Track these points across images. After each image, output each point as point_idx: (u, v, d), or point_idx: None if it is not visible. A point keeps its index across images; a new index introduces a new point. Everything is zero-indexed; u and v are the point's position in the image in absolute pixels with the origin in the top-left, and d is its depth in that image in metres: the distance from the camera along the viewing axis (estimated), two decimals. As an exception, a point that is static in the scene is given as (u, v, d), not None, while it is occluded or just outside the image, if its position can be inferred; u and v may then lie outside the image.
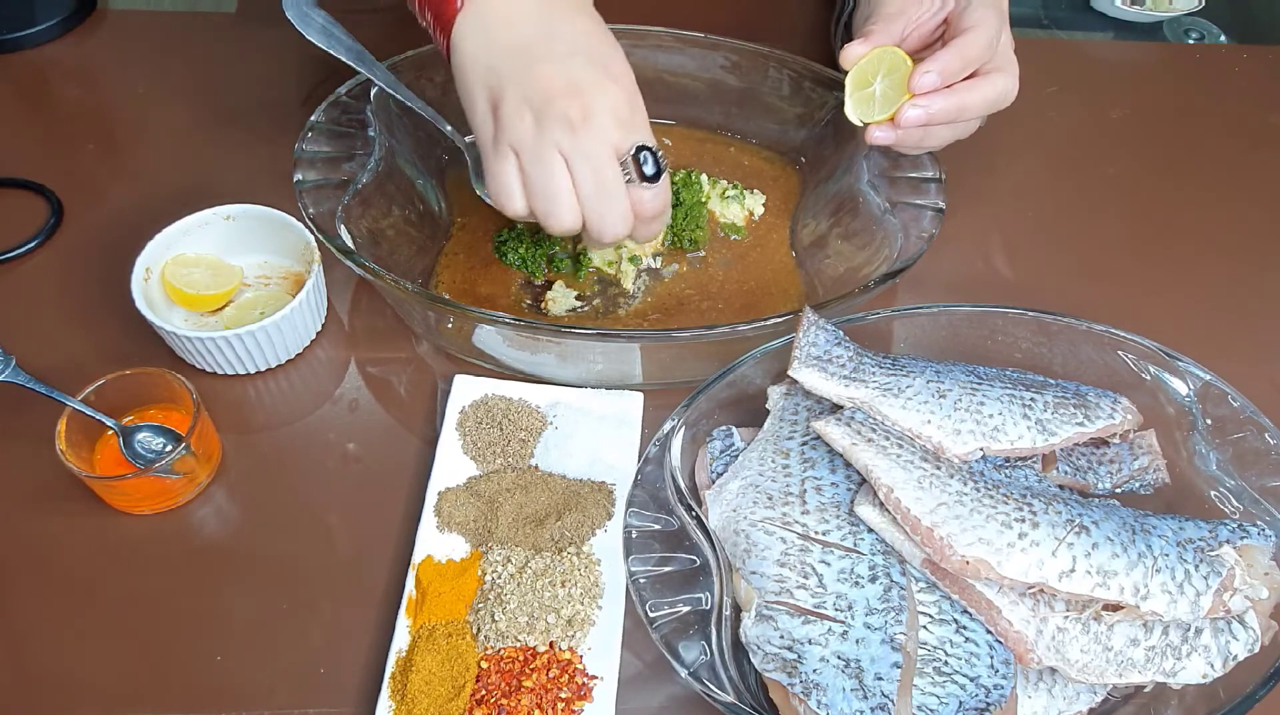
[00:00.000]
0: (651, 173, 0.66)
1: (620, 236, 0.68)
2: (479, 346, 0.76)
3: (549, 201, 0.66)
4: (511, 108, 0.65)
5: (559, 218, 0.66)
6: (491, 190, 0.68)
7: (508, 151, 0.66)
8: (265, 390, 0.77)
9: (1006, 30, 0.76)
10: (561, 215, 0.66)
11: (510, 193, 0.67)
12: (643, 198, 0.67)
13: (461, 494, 0.70)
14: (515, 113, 0.65)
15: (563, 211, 0.66)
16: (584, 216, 0.67)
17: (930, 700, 0.56)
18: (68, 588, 0.67)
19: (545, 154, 0.65)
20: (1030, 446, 0.64)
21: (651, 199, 0.68)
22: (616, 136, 0.65)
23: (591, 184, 0.66)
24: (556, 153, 0.65)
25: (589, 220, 0.67)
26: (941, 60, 0.72)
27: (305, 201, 0.74)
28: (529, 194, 0.67)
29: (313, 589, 0.67)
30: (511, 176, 0.67)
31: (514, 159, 0.66)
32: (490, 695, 0.62)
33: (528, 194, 0.67)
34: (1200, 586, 0.57)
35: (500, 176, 0.67)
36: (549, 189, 0.66)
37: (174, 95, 0.97)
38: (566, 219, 0.66)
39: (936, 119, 0.73)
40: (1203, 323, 0.84)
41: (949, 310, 0.72)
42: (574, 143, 0.65)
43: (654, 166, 0.66)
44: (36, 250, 0.85)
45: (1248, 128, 1.00)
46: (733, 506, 0.64)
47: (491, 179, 0.68)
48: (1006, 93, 0.75)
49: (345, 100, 0.81)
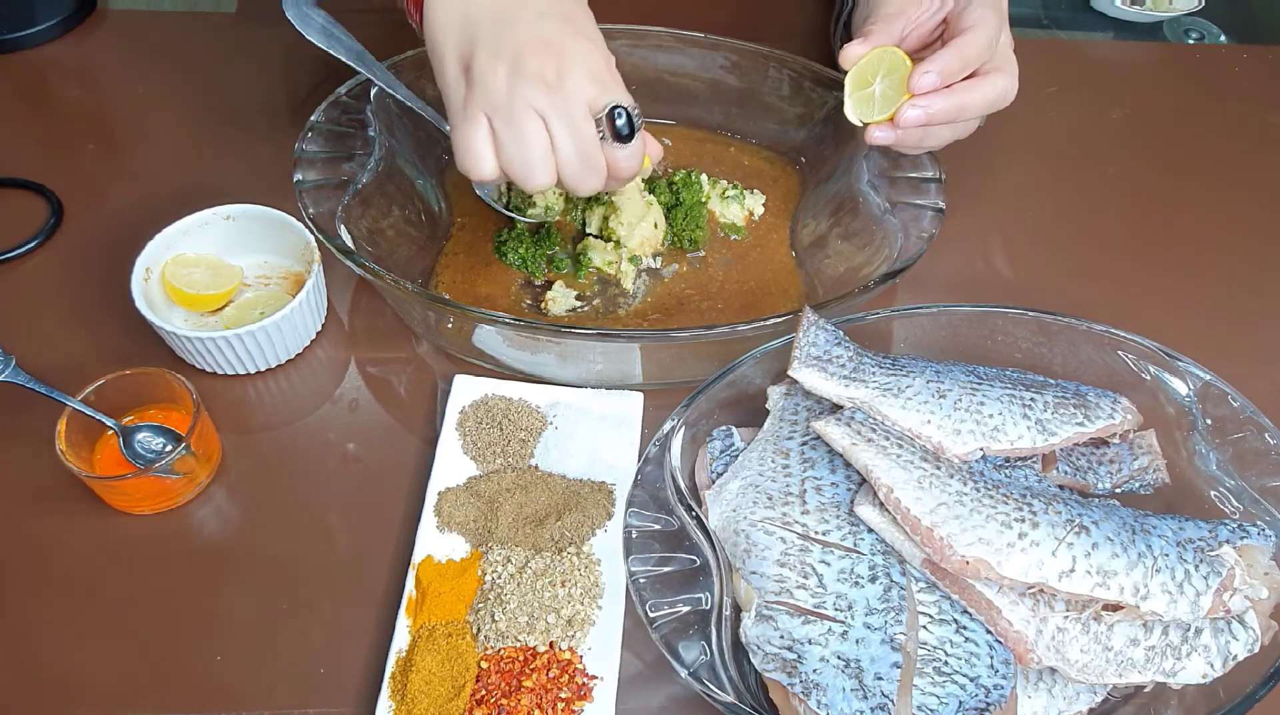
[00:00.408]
0: (625, 132, 0.66)
1: (594, 191, 0.68)
2: (479, 346, 0.76)
3: (525, 161, 0.65)
4: (484, 68, 0.64)
5: (535, 177, 0.66)
6: (460, 155, 0.67)
7: (478, 114, 0.65)
8: (265, 390, 0.77)
9: (1006, 30, 0.76)
10: (537, 175, 0.66)
11: (480, 156, 0.66)
12: (616, 157, 0.67)
13: (461, 494, 0.70)
14: (489, 72, 0.64)
15: (538, 171, 0.65)
16: (560, 174, 0.66)
17: (930, 700, 0.56)
18: (68, 588, 0.67)
19: (519, 113, 0.64)
20: (1030, 446, 0.64)
21: (625, 159, 0.67)
22: (592, 93, 0.65)
23: (569, 143, 0.65)
24: (532, 111, 0.64)
25: (565, 178, 0.67)
26: (941, 60, 0.72)
27: (305, 201, 0.74)
28: (502, 156, 0.66)
29: (313, 589, 0.67)
30: (482, 140, 0.66)
31: (484, 122, 0.65)
32: (490, 695, 0.62)
33: (500, 156, 0.66)
34: (1200, 586, 0.57)
35: (470, 141, 0.66)
36: (525, 149, 0.65)
37: (174, 95, 0.97)
38: (542, 178, 0.66)
39: (936, 119, 0.73)
40: (1203, 323, 0.84)
41: (949, 310, 0.72)
42: (550, 101, 0.64)
43: (628, 125, 0.66)
44: (36, 250, 0.85)
45: (1248, 128, 1.00)
46: (733, 506, 0.64)
47: (461, 143, 0.66)
48: (1006, 93, 0.75)
49: (345, 100, 0.81)
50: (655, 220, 0.84)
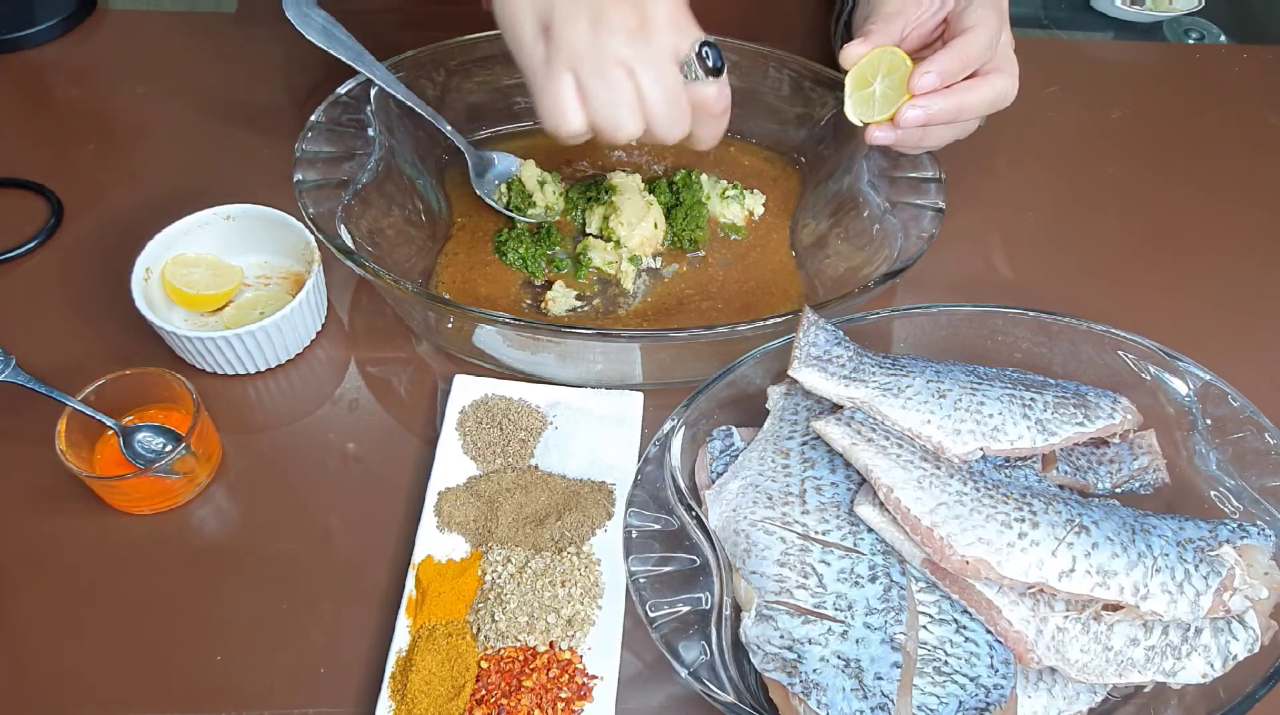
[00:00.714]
0: (718, 64, 0.67)
1: (680, 138, 0.69)
2: (479, 346, 0.76)
3: (614, 112, 0.66)
4: (565, 24, 0.64)
5: (624, 127, 0.66)
6: (546, 112, 0.67)
7: (563, 70, 0.65)
8: (265, 390, 0.77)
9: (1006, 30, 0.76)
10: (626, 124, 0.66)
11: (567, 111, 0.66)
12: (709, 94, 0.68)
13: (461, 494, 0.70)
14: (570, 27, 0.64)
15: (627, 121, 0.66)
16: (648, 123, 0.67)
17: (930, 700, 0.56)
18: (68, 588, 0.67)
19: (606, 64, 0.64)
20: (1030, 446, 0.64)
21: (717, 95, 0.68)
22: (674, 39, 0.66)
23: (658, 91, 0.66)
24: (618, 62, 0.65)
25: (654, 126, 0.67)
26: (941, 61, 0.72)
27: (305, 201, 0.74)
28: (590, 108, 0.66)
29: (313, 589, 0.67)
30: (569, 95, 0.66)
31: (570, 77, 0.65)
32: (490, 695, 0.62)
33: (588, 108, 0.66)
34: (1200, 586, 0.57)
35: (557, 97, 0.66)
36: (614, 99, 0.65)
37: (174, 95, 0.97)
38: (631, 128, 0.66)
39: (936, 119, 0.73)
40: (1203, 323, 0.84)
41: (949, 310, 0.72)
42: (634, 50, 0.64)
43: (716, 59, 0.67)
44: (36, 250, 0.85)
45: (1248, 128, 1.00)
46: (733, 506, 0.64)
47: (548, 100, 0.66)
48: (1006, 93, 0.75)
49: (345, 100, 0.81)
50: (655, 220, 0.84)
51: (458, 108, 0.88)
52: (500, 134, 0.92)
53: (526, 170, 0.86)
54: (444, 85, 0.88)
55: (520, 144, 0.90)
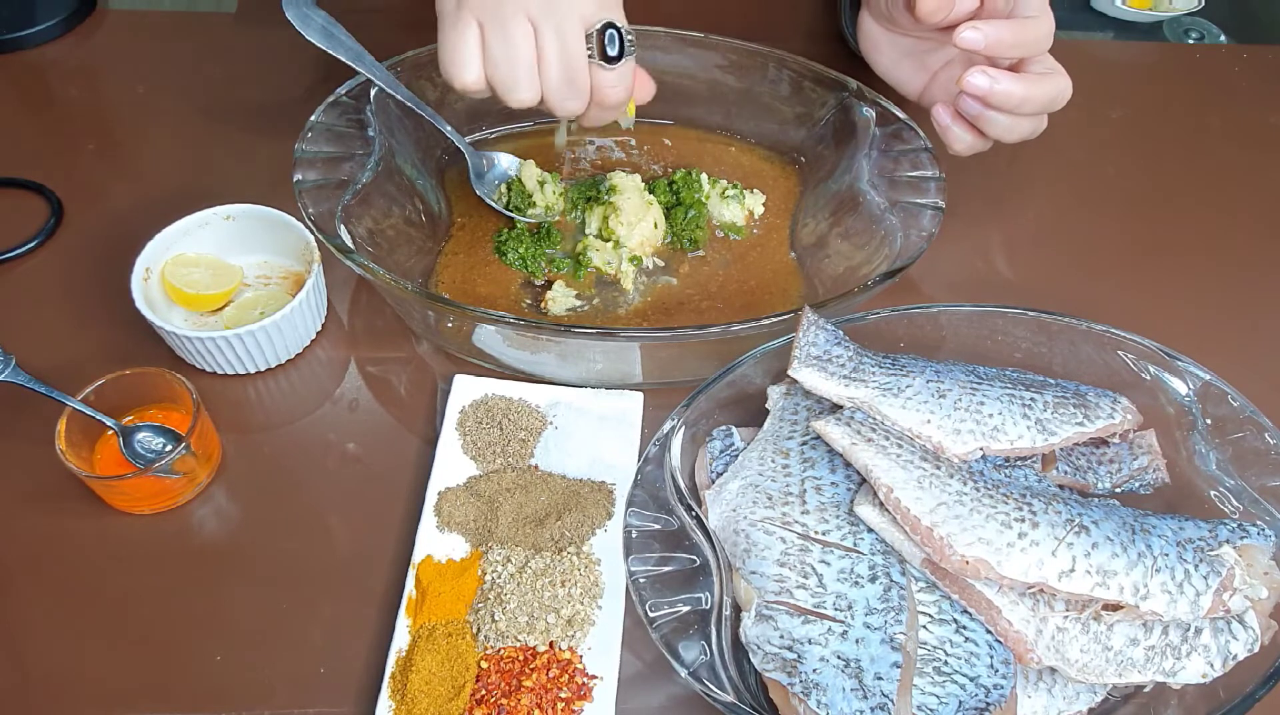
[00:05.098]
0: (615, 54, 0.64)
1: (575, 114, 0.66)
2: (479, 346, 0.76)
3: (511, 70, 0.63)
4: None
5: (519, 89, 0.64)
6: (445, 60, 0.65)
7: (469, 18, 0.63)
8: (265, 390, 0.77)
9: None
10: (521, 87, 0.64)
11: (465, 61, 0.64)
12: (604, 80, 0.65)
13: (461, 494, 0.70)
14: None
15: (523, 82, 0.64)
16: (543, 90, 0.65)
17: (930, 700, 0.56)
18: (68, 588, 0.67)
19: (511, 18, 0.62)
20: (1030, 446, 0.64)
21: (612, 84, 0.66)
22: (589, 10, 0.63)
23: (557, 56, 0.63)
24: (525, 18, 0.62)
25: (548, 95, 0.65)
26: (992, 27, 0.70)
27: (305, 201, 0.74)
28: (488, 63, 0.64)
29: (313, 589, 0.67)
30: (470, 45, 0.64)
31: (474, 26, 0.64)
32: (490, 695, 0.62)
33: (486, 63, 0.64)
34: (1200, 586, 0.57)
35: (457, 45, 0.64)
36: (512, 57, 0.63)
37: (174, 95, 0.97)
38: (525, 93, 0.64)
39: (998, 92, 0.71)
40: (1203, 323, 0.84)
41: (949, 310, 0.72)
42: (544, 8, 0.62)
43: (618, 48, 0.64)
44: (36, 250, 0.85)
45: (1248, 128, 1.00)
46: (733, 506, 0.64)
47: (447, 48, 0.65)
48: (1065, 93, 0.74)
49: (345, 100, 0.81)
50: (655, 220, 0.84)
51: (457, 108, 0.88)
52: (500, 134, 0.92)
53: (526, 170, 0.86)
54: (444, 86, 0.87)
55: (520, 144, 0.90)
